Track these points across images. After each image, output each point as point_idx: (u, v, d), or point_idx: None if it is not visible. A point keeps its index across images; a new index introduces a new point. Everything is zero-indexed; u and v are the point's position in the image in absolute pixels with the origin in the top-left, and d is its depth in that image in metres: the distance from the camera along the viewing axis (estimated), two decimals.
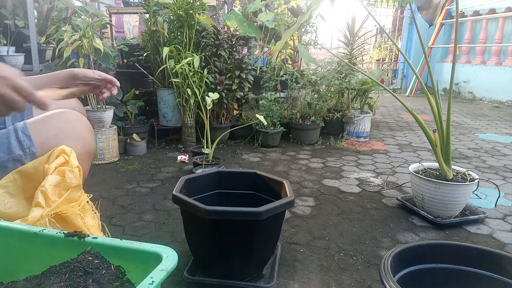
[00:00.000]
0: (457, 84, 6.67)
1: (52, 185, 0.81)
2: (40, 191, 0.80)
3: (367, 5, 6.61)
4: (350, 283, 1.28)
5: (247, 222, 1.12)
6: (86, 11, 2.90)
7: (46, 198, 0.80)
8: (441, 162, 1.73)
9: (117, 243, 0.66)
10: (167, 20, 2.94)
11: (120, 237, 0.69)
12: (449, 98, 1.73)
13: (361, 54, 3.72)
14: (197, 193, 1.38)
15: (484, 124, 4.29)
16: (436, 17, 1.78)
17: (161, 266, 0.58)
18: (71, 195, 0.83)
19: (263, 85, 3.33)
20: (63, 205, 0.81)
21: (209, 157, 2.30)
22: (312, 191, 2.12)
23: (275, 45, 2.99)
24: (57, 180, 0.82)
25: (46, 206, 0.79)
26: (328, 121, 3.40)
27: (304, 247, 1.50)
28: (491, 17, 6.04)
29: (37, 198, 0.79)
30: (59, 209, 0.80)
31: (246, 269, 1.23)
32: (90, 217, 0.88)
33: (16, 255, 0.71)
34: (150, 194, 2.04)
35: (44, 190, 0.80)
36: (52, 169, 0.84)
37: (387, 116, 4.78)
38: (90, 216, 0.89)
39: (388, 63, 7.47)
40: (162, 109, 2.99)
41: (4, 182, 0.84)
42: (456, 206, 1.71)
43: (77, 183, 0.85)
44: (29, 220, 0.76)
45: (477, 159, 2.83)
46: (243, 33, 3.36)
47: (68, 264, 0.62)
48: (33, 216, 0.77)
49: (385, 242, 1.56)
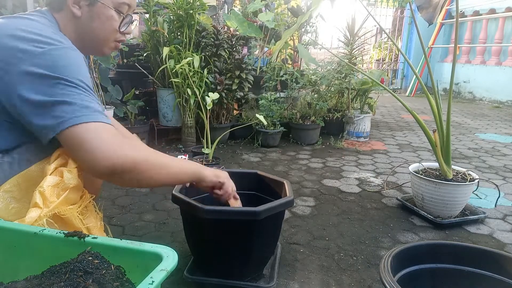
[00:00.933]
0: (457, 84, 6.67)
1: (50, 186, 0.81)
2: (38, 192, 0.79)
3: (367, 5, 6.60)
4: (350, 283, 1.28)
5: (246, 221, 1.12)
6: None
7: (44, 199, 0.79)
8: (441, 162, 1.73)
9: (117, 243, 0.66)
10: (167, 20, 2.94)
11: (120, 237, 0.69)
12: (449, 98, 1.72)
13: (361, 54, 3.72)
14: (197, 193, 1.38)
15: (484, 124, 4.29)
16: (435, 16, 1.78)
17: (161, 266, 0.58)
18: (70, 195, 0.82)
19: (263, 85, 3.33)
20: (62, 206, 0.80)
21: (209, 157, 2.30)
22: (312, 191, 2.12)
23: (275, 45, 2.99)
24: (55, 180, 0.82)
25: (44, 207, 0.78)
26: (328, 121, 3.40)
27: (304, 247, 1.50)
28: (491, 17, 6.04)
29: (35, 199, 0.79)
30: (57, 210, 0.79)
31: (245, 269, 1.23)
32: (93, 217, 0.88)
33: (16, 255, 0.71)
34: (150, 194, 2.04)
35: (42, 191, 0.79)
36: (51, 169, 0.83)
37: (387, 116, 4.78)
38: (93, 217, 0.88)
39: (388, 63, 7.47)
40: (162, 109, 2.99)
41: (9, 187, 0.83)
42: (456, 206, 1.71)
43: (76, 183, 0.84)
44: (27, 221, 0.76)
45: (477, 159, 2.83)
46: (243, 33, 3.36)
47: (68, 264, 0.62)
48: (30, 217, 0.76)
49: (385, 242, 1.56)
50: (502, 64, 5.91)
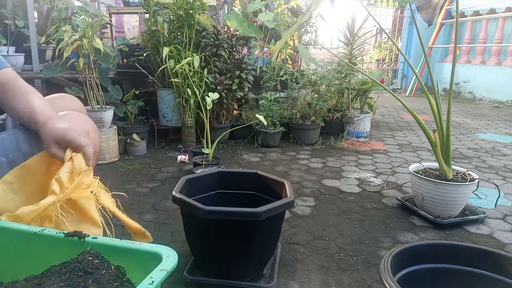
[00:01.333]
0: (457, 84, 6.67)
1: (67, 172, 0.82)
2: (55, 179, 0.81)
3: (367, 5, 6.61)
4: (350, 283, 1.28)
5: (246, 222, 1.12)
6: (86, 11, 2.90)
7: (61, 185, 0.80)
8: (441, 162, 1.73)
9: (117, 243, 0.66)
10: (167, 20, 2.94)
11: (120, 237, 0.69)
12: (449, 98, 1.73)
13: (361, 54, 3.72)
14: (198, 194, 1.38)
15: (484, 124, 4.29)
16: (435, 17, 1.78)
17: (161, 266, 0.58)
18: (83, 179, 0.84)
19: (263, 85, 3.33)
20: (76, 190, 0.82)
21: (209, 157, 2.30)
22: (312, 191, 2.12)
23: (275, 45, 2.98)
24: (69, 167, 0.83)
25: (60, 193, 0.79)
26: (328, 121, 3.40)
27: (304, 247, 1.50)
28: (491, 17, 6.04)
29: (52, 186, 0.80)
30: (72, 195, 0.80)
31: (246, 269, 1.23)
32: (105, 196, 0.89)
33: (16, 255, 0.71)
34: (150, 194, 2.04)
35: (58, 178, 0.81)
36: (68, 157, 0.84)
37: (387, 116, 4.78)
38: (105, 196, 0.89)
39: (388, 63, 7.47)
40: (162, 109, 2.99)
41: (9, 178, 0.85)
42: (456, 206, 1.71)
43: (87, 166, 0.86)
44: (40, 205, 0.76)
45: (477, 159, 2.83)
46: (243, 33, 3.36)
47: (68, 264, 0.62)
48: (43, 202, 0.77)
49: (385, 242, 1.56)
50: (502, 64, 5.91)
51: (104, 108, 2.59)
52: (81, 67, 2.47)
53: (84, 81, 2.54)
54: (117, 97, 2.95)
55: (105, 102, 2.67)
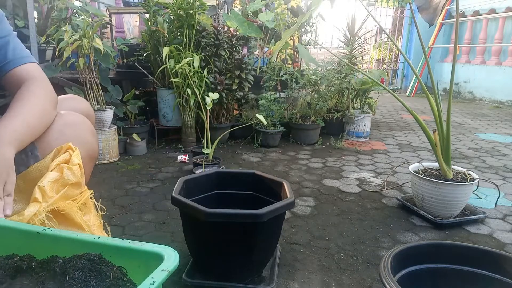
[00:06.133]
0: (457, 84, 6.67)
1: (50, 181, 0.81)
2: (38, 187, 0.80)
3: (367, 5, 6.61)
4: (350, 283, 1.28)
5: (248, 224, 1.11)
6: (86, 11, 2.90)
7: (43, 194, 0.79)
8: (441, 162, 1.73)
9: (118, 243, 0.66)
10: (167, 20, 2.94)
11: (120, 237, 0.69)
12: (449, 98, 1.73)
13: (361, 54, 3.73)
14: (196, 194, 1.37)
15: (484, 124, 4.29)
16: (436, 17, 1.79)
17: (162, 266, 0.58)
18: (69, 192, 0.83)
19: (263, 85, 3.33)
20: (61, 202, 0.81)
21: (209, 157, 2.30)
22: (312, 191, 2.12)
23: (275, 45, 2.99)
24: (55, 176, 0.82)
25: (43, 202, 0.78)
26: (328, 121, 3.40)
27: (304, 247, 1.51)
28: (491, 17, 6.04)
29: (35, 194, 0.79)
30: (56, 205, 0.79)
31: (246, 271, 1.22)
32: (92, 215, 0.88)
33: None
34: (150, 194, 2.04)
35: (41, 186, 0.80)
36: (53, 166, 0.84)
37: (387, 116, 4.78)
38: (92, 214, 0.88)
39: (388, 63, 7.47)
40: (162, 109, 3.00)
41: None
42: (456, 206, 1.71)
43: (76, 180, 0.85)
44: (25, 215, 0.76)
45: (477, 159, 2.83)
46: (243, 33, 3.36)
47: (68, 264, 0.62)
48: (29, 211, 0.76)
49: (385, 242, 1.56)
50: (502, 64, 5.91)
51: (104, 108, 2.59)
52: (81, 67, 2.47)
53: (84, 81, 2.54)
54: (117, 97, 2.95)
55: (105, 102, 2.67)
